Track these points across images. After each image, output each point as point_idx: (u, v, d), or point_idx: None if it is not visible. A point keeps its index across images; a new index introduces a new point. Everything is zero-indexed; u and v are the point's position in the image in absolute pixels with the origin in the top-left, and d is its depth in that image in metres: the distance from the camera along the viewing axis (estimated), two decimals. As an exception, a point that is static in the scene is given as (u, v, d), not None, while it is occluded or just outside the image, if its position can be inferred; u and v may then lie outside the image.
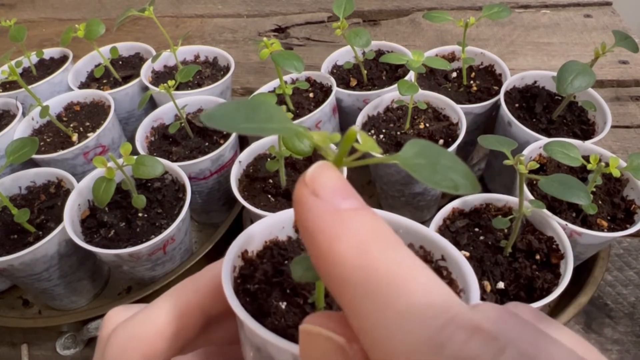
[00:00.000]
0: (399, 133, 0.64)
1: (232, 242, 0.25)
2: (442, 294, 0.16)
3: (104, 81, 0.81)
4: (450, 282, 0.26)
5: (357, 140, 0.18)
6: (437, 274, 0.26)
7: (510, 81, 0.68)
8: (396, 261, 0.17)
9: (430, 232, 0.27)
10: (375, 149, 0.18)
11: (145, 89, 0.77)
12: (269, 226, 0.28)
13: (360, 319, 0.16)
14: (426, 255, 0.27)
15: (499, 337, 0.15)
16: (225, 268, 0.24)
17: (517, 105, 0.67)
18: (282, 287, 0.25)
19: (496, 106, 0.68)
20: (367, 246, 0.17)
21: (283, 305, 0.24)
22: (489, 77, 0.73)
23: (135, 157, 0.55)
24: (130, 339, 0.24)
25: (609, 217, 0.54)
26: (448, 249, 0.26)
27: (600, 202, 0.55)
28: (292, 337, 0.21)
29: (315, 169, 0.18)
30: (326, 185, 0.18)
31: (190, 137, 0.68)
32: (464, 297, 0.24)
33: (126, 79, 0.80)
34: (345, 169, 0.48)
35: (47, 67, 0.85)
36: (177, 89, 0.69)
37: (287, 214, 0.28)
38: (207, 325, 0.27)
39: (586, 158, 0.53)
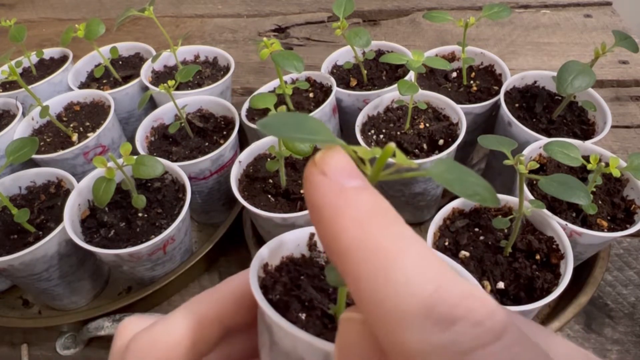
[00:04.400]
0: (399, 133, 0.64)
1: (256, 253, 0.26)
2: (435, 264, 0.17)
3: (104, 81, 0.81)
4: None
5: (393, 155, 0.19)
6: None
7: (510, 81, 0.68)
8: (394, 235, 0.18)
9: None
10: (411, 164, 0.19)
11: (145, 89, 0.77)
12: (285, 242, 0.28)
13: (360, 289, 0.17)
14: None
15: (490, 300, 0.16)
16: (253, 275, 0.24)
17: (517, 105, 0.67)
18: (300, 299, 0.26)
19: (496, 106, 0.68)
20: (368, 221, 0.18)
21: (303, 316, 0.25)
22: (489, 77, 0.73)
23: (135, 157, 0.55)
24: (151, 347, 0.24)
25: (609, 217, 0.54)
26: (452, 264, 0.27)
27: (600, 202, 0.55)
28: None
29: (325, 151, 0.19)
30: (334, 165, 0.19)
31: (190, 137, 0.68)
32: None
33: (126, 79, 0.80)
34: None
35: (47, 67, 0.85)
36: (177, 89, 0.69)
37: (302, 233, 0.29)
38: (221, 341, 0.27)
39: (586, 158, 0.53)
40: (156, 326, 0.25)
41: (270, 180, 0.60)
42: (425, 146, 0.63)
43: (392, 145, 0.18)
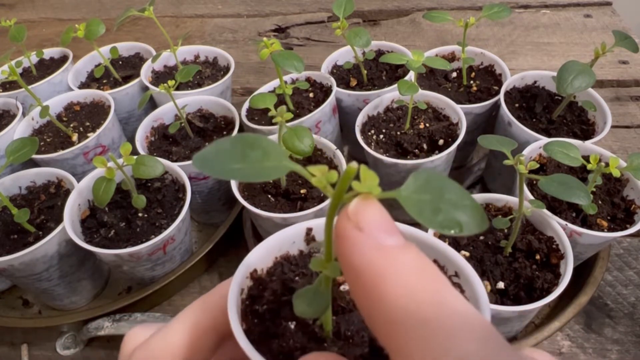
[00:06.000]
0: (399, 133, 0.64)
1: (241, 263, 0.25)
2: (494, 337, 0.16)
3: (104, 81, 0.81)
4: None
5: (357, 177, 0.17)
6: None
7: (510, 81, 0.68)
8: (446, 304, 0.16)
9: (445, 246, 0.27)
10: (374, 190, 0.17)
11: (145, 89, 0.77)
12: (278, 242, 0.27)
13: None
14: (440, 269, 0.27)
15: None
16: (232, 296, 0.23)
17: (517, 105, 0.67)
18: (291, 306, 0.25)
19: (496, 106, 0.68)
20: (415, 288, 0.16)
21: (292, 325, 0.24)
22: (489, 77, 0.73)
23: (135, 157, 0.55)
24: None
25: (609, 217, 0.54)
26: (462, 265, 0.26)
27: (600, 202, 0.55)
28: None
29: (359, 202, 0.18)
30: (370, 220, 0.17)
31: (190, 137, 0.68)
32: None
33: (126, 79, 0.80)
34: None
35: (47, 67, 0.85)
36: (177, 89, 0.69)
37: (298, 229, 0.28)
38: (220, 344, 0.27)
39: (586, 158, 0.53)
40: (153, 339, 0.25)
41: (270, 180, 0.60)
42: (425, 146, 0.63)
43: (353, 166, 0.17)
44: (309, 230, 0.28)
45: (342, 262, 0.18)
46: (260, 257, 0.26)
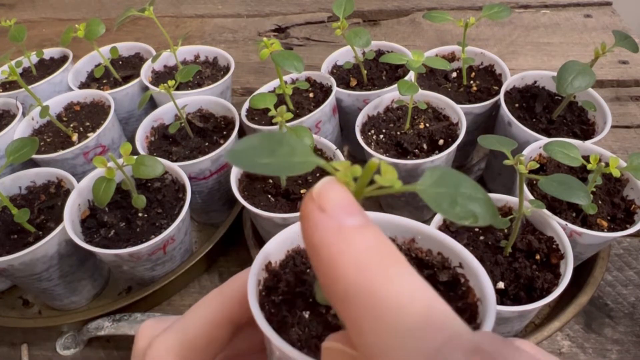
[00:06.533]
0: (399, 133, 0.64)
1: (257, 256, 0.26)
2: (442, 313, 0.16)
3: (104, 81, 0.81)
4: (468, 290, 0.26)
5: (378, 172, 0.18)
6: (455, 282, 0.26)
7: (510, 81, 0.68)
8: (396, 280, 0.17)
9: (448, 239, 0.27)
10: (396, 183, 0.18)
11: (145, 89, 0.77)
12: (290, 236, 0.28)
13: (360, 336, 0.17)
14: (444, 262, 0.27)
15: (498, 358, 0.15)
16: (251, 285, 0.24)
17: (517, 105, 0.67)
18: (304, 296, 0.25)
19: (496, 106, 0.68)
20: (368, 263, 0.17)
21: (306, 314, 0.25)
22: (489, 77, 0.73)
23: (135, 157, 0.55)
24: (167, 351, 0.25)
25: (609, 217, 0.54)
26: (466, 256, 0.26)
27: (600, 202, 0.55)
28: (316, 347, 0.22)
29: (323, 184, 0.18)
30: (332, 201, 0.18)
31: (190, 137, 0.68)
32: (481, 307, 0.24)
33: (126, 79, 0.80)
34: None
35: (47, 67, 0.85)
36: (177, 89, 0.69)
37: None
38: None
39: (586, 158, 0.53)
40: (170, 331, 0.26)
41: (270, 180, 0.60)
42: (425, 146, 0.63)
43: (375, 161, 0.17)
44: None
45: (305, 242, 0.18)
46: (274, 250, 0.27)
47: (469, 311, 0.25)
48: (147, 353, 0.25)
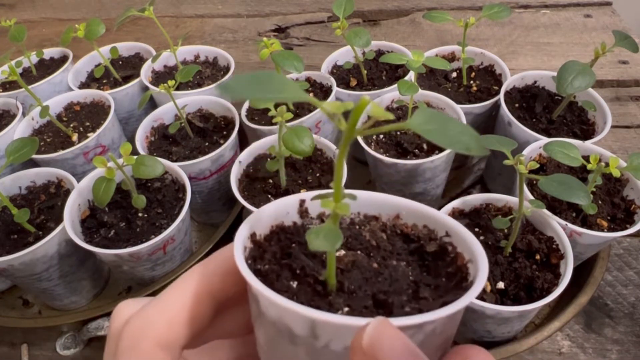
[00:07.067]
0: (399, 133, 0.64)
1: (241, 224, 0.25)
2: None
3: (104, 81, 0.81)
4: (456, 256, 0.26)
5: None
6: (443, 251, 0.26)
7: (510, 81, 0.68)
8: None
9: (432, 210, 0.27)
10: (387, 115, 0.18)
11: (145, 89, 0.77)
12: (274, 211, 0.28)
13: None
14: (430, 234, 0.28)
15: None
16: (237, 246, 0.24)
17: (517, 105, 0.67)
18: (291, 267, 0.25)
19: (496, 106, 0.68)
20: None
21: (294, 284, 0.24)
22: (489, 77, 0.73)
23: (135, 157, 0.55)
24: (144, 329, 0.24)
25: (609, 217, 0.54)
26: (451, 224, 0.26)
27: (600, 202, 0.55)
28: None
29: (374, 329, 0.15)
30: (389, 354, 0.15)
31: (190, 137, 0.68)
32: (472, 267, 0.25)
33: (126, 79, 0.80)
34: (345, 169, 0.48)
35: (47, 67, 0.85)
36: (177, 89, 0.69)
37: (292, 200, 0.29)
38: (216, 317, 0.26)
39: (586, 158, 0.53)
40: (148, 307, 0.25)
41: (270, 180, 0.60)
42: (425, 146, 0.63)
43: (366, 97, 0.18)
44: (302, 201, 0.29)
45: None
46: (258, 222, 0.27)
47: (460, 273, 0.25)
48: (123, 332, 0.24)
